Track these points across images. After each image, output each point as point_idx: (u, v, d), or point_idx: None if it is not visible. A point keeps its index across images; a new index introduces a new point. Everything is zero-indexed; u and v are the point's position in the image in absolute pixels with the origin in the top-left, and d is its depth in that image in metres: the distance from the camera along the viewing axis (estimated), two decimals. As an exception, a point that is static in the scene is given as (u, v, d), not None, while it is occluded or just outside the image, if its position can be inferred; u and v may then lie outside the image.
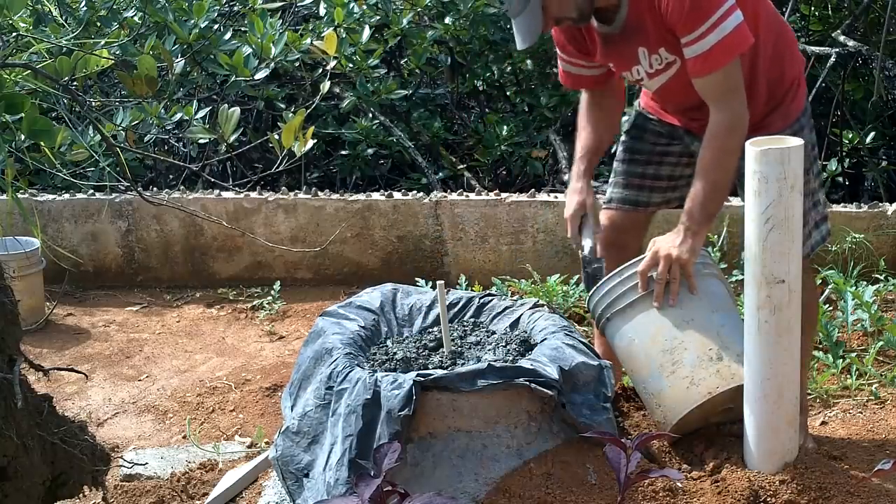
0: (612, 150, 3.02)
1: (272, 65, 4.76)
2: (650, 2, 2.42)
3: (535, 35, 2.49)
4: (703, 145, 2.47)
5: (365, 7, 5.13)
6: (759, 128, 2.50)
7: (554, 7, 2.48)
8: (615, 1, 2.49)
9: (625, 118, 3.17)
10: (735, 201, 4.14)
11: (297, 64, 5.05)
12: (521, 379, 2.27)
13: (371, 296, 2.81)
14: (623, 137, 2.86)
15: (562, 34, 2.69)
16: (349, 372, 2.36)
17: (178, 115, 4.54)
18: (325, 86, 2.88)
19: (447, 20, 5.31)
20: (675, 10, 2.37)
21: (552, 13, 2.49)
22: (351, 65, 5.07)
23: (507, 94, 5.91)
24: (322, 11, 5.18)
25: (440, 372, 2.31)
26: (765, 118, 2.56)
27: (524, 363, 2.35)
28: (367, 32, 5.02)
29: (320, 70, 5.12)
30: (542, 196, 4.54)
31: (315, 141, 2.66)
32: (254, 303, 4.51)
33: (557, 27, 2.64)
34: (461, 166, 5.47)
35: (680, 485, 2.28)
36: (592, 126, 2.76)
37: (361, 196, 4.68)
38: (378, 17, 5.21)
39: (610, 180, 2.88)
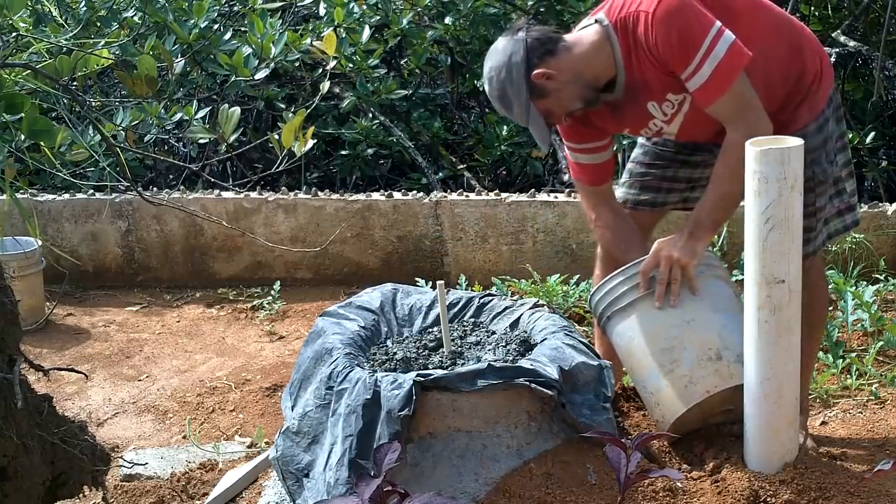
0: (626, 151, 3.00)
1: (272, 65, 4.76)
2: (646, 56, 2.42)
3: (547, 139, 2.57)
4: (719, 157, 2.47)
5: (365, 7, 5.13)
6: (789, 123, 2.51)
7: (556, 109, 2.53)
8: (613, 71, 2.49)
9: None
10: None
11: (297, 64, 5.05)
12: (521, 379, 2.27)
13: (371, 296, 2.81)
14: (643, 140, 2.82)
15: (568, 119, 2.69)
16: (349, 372, 2.36)
17: (178, 115, 4.55)
18: (325, 86, 2.88)
19: (447, 20, 5.31)
20: (664, 49, 2.38)
21: (557, 113, 2.54)
22: (351, 65, 5.07)
23: (507, 94, 5.90)
24: (322, 11, 5.18)
25: (440, 372, 2.31)
26: (794, 112, 2.55)
27: (524, 363, 2.35)
28: (367, 32, 5.03)
29: (320, 70, 5.12)
30: (542, 196, 4.54)
31: (315, 141, 2.66)
32: (254, 303, 4.51)
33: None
34: (461, 166, 5.47)
35: (680, 485, 2.28)
36: (632, 235, 2.71)
37: (361, 196, 4.68)
38: (378, 17, 5.22)
39: (624, 180, 2.85)
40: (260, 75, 4.75)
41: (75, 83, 2.55)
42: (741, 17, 2.44)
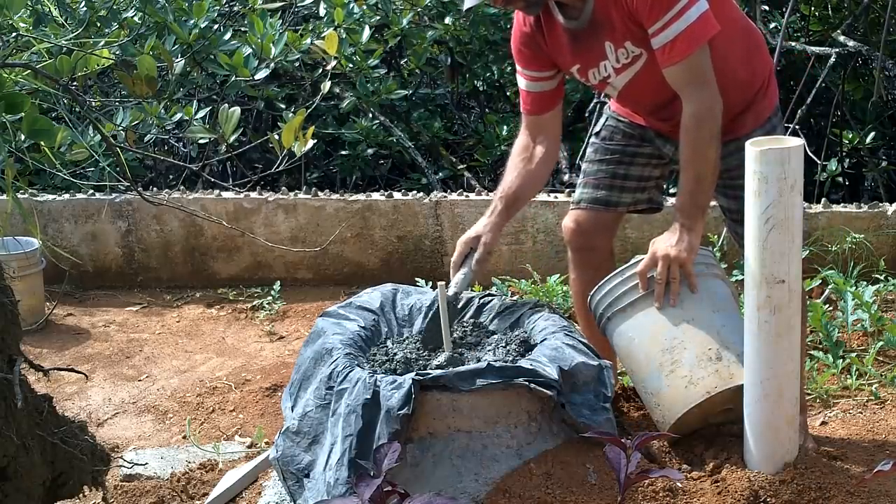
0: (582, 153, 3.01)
1: (272, 65, 4.75)
2: None
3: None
4: (680, 140, 2.49)
5: (365, 7, 5.13)
6: (732, 129, 2.53)
7: None
8: None
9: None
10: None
11: (297, 64, 5.05)
12: (521, 379, 2.27)
13: (371, 296, 2.81)
14: (593, 139, 2.86)
15: (518, 39, 2.69)
16: (349, 372, 2.36)
17: (178, 115, 4.54)
18: (326, 86, 2.89)
19: (447, 20, 5.31)
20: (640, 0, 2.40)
21: None
22: (351, 65, 5.07)
23: (507, 94, 5.92)
24: (322, 11, 5.18)
25: (439, 371, 2.31)
26: (737, 118, 2.57)
27: (524, 363, 2.35)
28: (367, 32, 5.02)
29: (320, 70, 5.12)
30: (542, 196, 4.53)
31: (315, 141, 2.66)
32: (254, 303, 4.51)
33: (516, 35, 2.68)
34: (461, 166, 5.47)
35: (680, 485, 2.28)
36: (523, 173, 2.73)
37: (361, 196, 4.68)
38: (378, 18, 5.21)
39: (579, 181, 2.86)
40: (260, 75, 4.74)
41: (75, 83, 2.55)
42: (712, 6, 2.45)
